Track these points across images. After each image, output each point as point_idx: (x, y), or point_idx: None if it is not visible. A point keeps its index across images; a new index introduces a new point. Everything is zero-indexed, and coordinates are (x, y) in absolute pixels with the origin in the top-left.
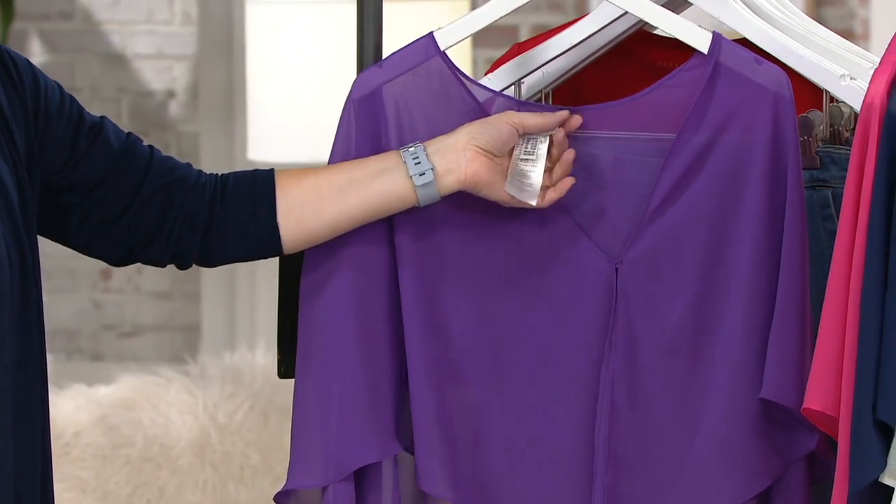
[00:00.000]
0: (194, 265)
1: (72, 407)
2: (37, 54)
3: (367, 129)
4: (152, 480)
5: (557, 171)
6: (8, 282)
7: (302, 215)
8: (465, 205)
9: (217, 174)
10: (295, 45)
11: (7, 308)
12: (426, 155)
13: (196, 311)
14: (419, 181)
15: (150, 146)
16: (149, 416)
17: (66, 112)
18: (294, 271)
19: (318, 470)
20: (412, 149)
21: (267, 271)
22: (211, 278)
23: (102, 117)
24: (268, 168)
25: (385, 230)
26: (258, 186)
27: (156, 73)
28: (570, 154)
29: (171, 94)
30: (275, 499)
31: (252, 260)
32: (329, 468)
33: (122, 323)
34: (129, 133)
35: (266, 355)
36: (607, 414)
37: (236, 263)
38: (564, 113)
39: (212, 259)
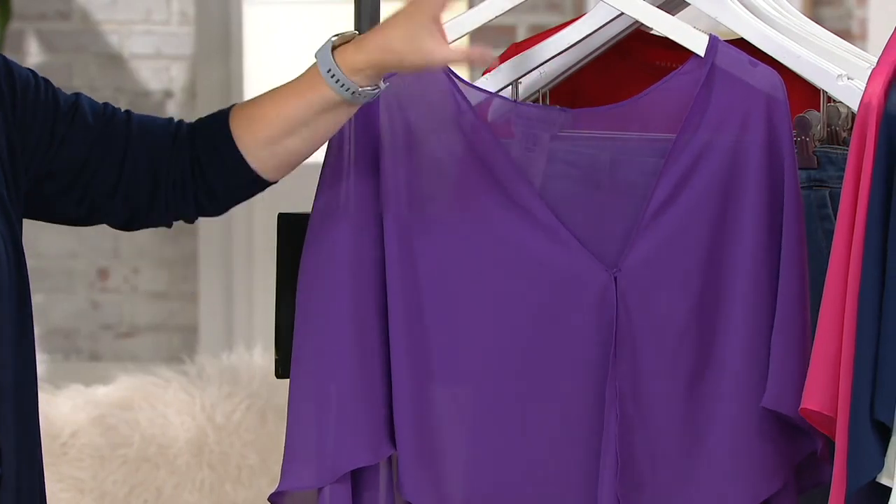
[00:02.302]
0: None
1: (69, 407)
2: (34, 54)
3: (362, 126)
4: (150, 480)
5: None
6: (6, 274)
7: (252, 129)
8: (455, 212)
9: (186, 125)
10: (292, 45)
11: (6, 300)
12: (338, 68)
13: (194, 311)
14: (339, 92)
15: (127, 112)
16: (146, 416)
17: (42, 99)
18: (291, 272)
19: (312, 471)
20: (329, 70)
21: (264, 271)
22: (209, 279)
23: (77, 94)
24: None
25: (378, 235)
26: (215, 131)
27: (153, 73)
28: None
29: (168, 93)
30: (270, 499)
31: (246, 198)
32: (323, 470)
33: (120, 323)
34: (105, 104)
35: (263, 355)
36: (615, 426)
37: (235, 241)
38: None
39: (209, 210)
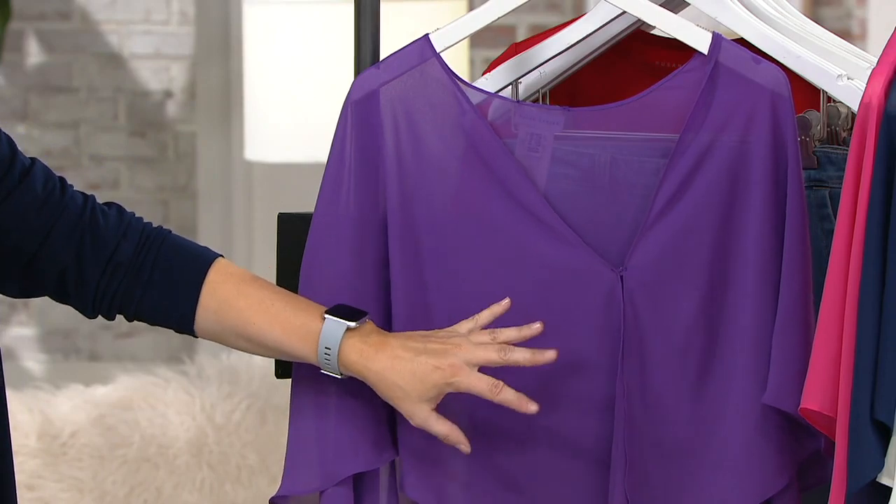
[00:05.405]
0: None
1: (69, 407)
2: (34, 54)
3: (363, 131)
4: (149, 480)
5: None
6: None
7: (219, 307)
8: (458, 213)
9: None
10: (292, 45)
11: None
12: (337, 360)
13: None
14: (322, 367)
15: (91, 205)
16: (146, 416)
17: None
18: (291, 272)
19: (314, 475)
20: (328, 348)
21: (264, 272)
22: None
23: (33, 161)
24: (211, 255)
25: (381, 236)
26: (190, 265)
27: (153, 73)
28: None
29: (168, 94)
30: (271, 502)
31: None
32: (325, 474)
33: (120, 323)
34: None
35: None
36: (624, 425)
37: (235, 241)
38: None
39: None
